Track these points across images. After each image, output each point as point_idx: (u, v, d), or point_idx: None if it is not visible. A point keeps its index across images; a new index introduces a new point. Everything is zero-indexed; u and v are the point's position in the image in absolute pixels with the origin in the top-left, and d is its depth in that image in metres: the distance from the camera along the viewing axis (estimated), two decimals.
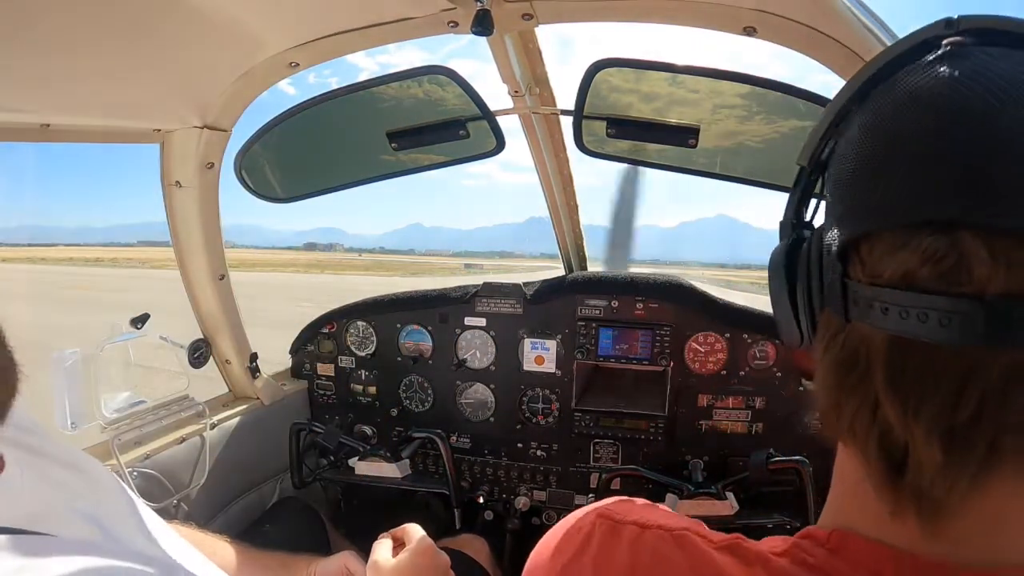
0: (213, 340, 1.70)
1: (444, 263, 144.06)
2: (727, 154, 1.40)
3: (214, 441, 1.60)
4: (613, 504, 0.51)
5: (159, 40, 1.03)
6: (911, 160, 0.35)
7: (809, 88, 1.16)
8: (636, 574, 0.44)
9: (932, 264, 0.33)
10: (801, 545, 0.41)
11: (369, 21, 1.14)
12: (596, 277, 1.82)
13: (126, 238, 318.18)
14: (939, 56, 0.36)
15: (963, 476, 0.34)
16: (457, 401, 1.92)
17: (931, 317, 0.32)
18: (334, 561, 0.99)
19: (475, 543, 1.60)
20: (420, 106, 1.37)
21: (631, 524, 0.47)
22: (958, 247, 0.32)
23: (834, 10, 0.90)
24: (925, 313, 0.32)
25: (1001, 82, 0.33)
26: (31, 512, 0.47)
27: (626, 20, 1.10)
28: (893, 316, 0.34)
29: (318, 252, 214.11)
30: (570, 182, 1.80)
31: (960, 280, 0.32)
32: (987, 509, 0.35)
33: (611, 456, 1.82)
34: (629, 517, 0.48)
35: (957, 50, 0.36)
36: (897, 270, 0.34)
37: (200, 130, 1.38)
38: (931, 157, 0.34)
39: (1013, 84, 0.33)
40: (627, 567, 0.45)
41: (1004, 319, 0.31)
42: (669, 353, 1.72)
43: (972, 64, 0.35)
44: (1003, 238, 0.31)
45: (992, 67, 0.34)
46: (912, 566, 0.37)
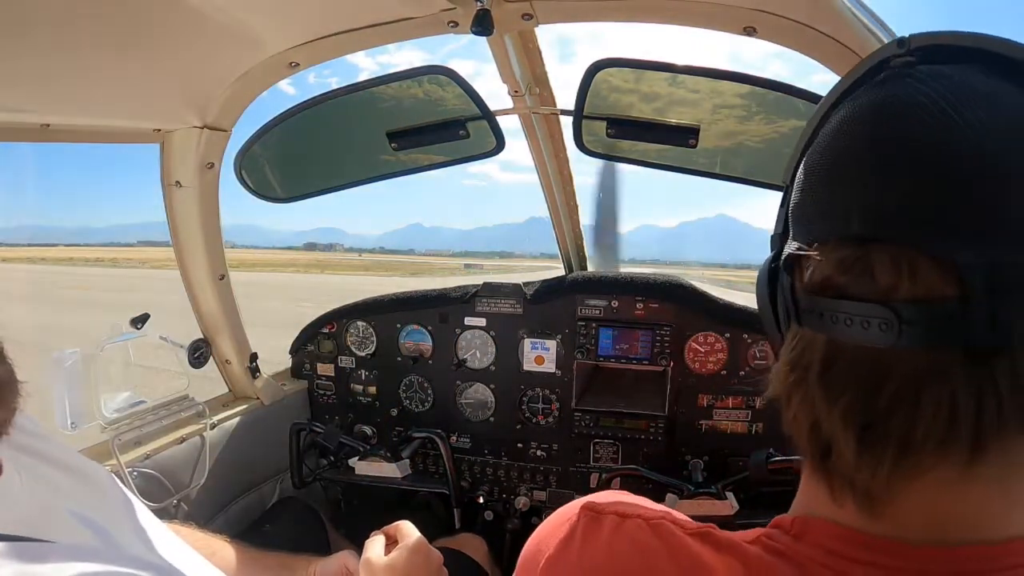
0: (213, 340, 1.70)
1: (444, 263, 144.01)
2: (727, 154, 1.40)
3: (214, 441, 1.60)
4: (598, 496, 0.53)
5: (159, 40, 1.03)
6: (833, 181, 0.39)
7: (809, 88, 1.16)
8: (616, 561, 0.45)
9: (844, 273, 0.37)
10: (769, 534, 0.44)
11: (369, 21, 1.14)
12: (596, 277, 1.82)
13: (126, 238, 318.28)
14: (880, 80, 0.40)
15: (881, 467, 0.37)
16: (457, 401, 1.92)
17: (854, 321, 0.36)
18: (334, 561, 0.99)
19: (474, 543, 1.60)
20: (420, 106, 1.38)
21: (612, 514, 0.48)
22: (867, 258, 0.36)
23: (834, 10, 0.90)
24: (849, 318, 0.36)
25: (919, 103, 0.36)
26: (29, 517, 0.47)
27: (626, 20, 1.10)
28: (827, 321, 0.38)
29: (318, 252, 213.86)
30: (570, 182, 1.80)
31: (870, 287, 0.36)
32: (918, 497, 0.38)
33: (611, 456, 1.82)
34: (611, 508, 0.49)
35: (898, 71, 0.39)
36: (820, 279, 0.39)
37: (200, 130, 1.38)
38: (848, 178, 0.38)
39: (931, 105, 0.35)
40: (607, 555, 0.46)
41: (910, 323, 0.34)
42: (669, 353, 1.72)
43: (902, 86, 0.38)
44: (906, 249, 0.35)
45: (919, 88, 0.36)
46: (862, 543, 0.39)
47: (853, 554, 0.39)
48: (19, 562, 0.40)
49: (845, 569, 0.39)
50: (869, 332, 0.35)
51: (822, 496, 0.42)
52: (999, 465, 0.36)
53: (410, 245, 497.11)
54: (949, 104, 0.35)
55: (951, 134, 0.34)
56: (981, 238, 0.33)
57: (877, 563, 0.38)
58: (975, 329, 0.33)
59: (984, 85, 0.36)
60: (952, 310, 0.34)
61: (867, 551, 0.39)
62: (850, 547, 0.40)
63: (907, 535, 0.39)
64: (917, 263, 0.35)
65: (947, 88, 0.36)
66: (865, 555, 0.39)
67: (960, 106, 0.35)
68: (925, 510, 0.38)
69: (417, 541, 0.92)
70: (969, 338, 0.33)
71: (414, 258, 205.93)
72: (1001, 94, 0.36)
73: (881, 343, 0.35)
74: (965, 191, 0.34)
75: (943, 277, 0.34)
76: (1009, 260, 0.33)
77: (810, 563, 0.40)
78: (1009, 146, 0.34)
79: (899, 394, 0.36)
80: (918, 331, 0.34)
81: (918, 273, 0.35)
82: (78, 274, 40.68)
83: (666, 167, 1.47)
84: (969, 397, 0.34)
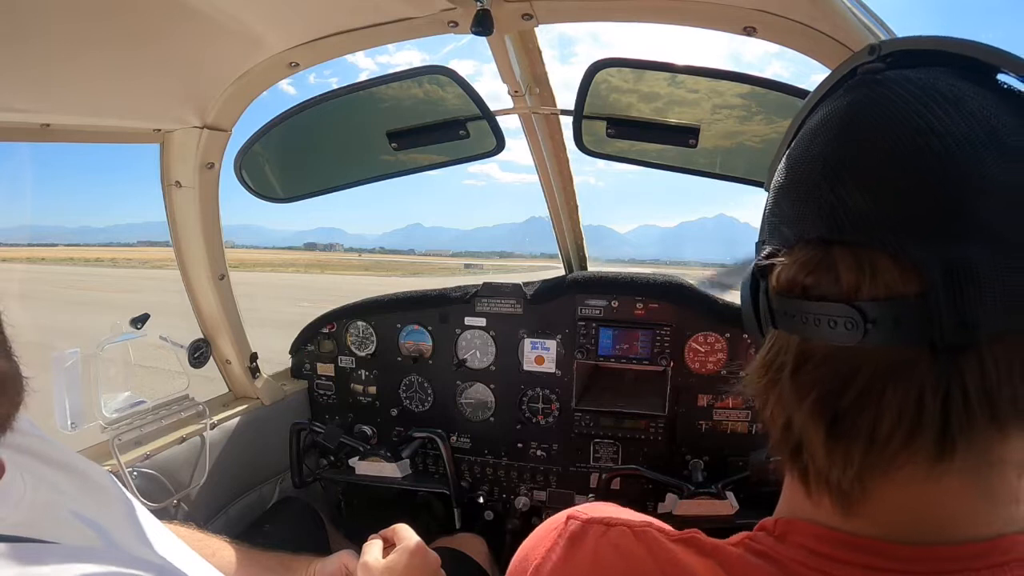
0: (213, 340, 1.70)
1: (444, 263, 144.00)
2: (727, 154, 1.40)
3: (214, 441, 1.60)
4: (585, 506, 0.54)
5: (159, 40, 1.03)
6: (797, 186, 0.40)
7: (809, 88, 1.16)
8: (601, 567, 0.46)
9: (808, 273, 0.38)
10: (754, 536, 0.44)
11: (369, 21, 1.14)
12: (596, 277, 1.82)
13: (126, 238, 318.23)
14: (849, 86, 0.41)
15: (851, 463, 0.38)
16: (457, 401, 1.92)
17: (821, 321, 0.37)
18: (333, 561, 0.99)
19: (474, 543, 1.60)
20: (420, 106, 1.38)
21: (597, 523, 0.49)
22: (829, 258, 0.37)
23: (834, 10, 0.90)
24: (817, 318, 0.37)
25: (881, 107, 0.37)
26: (31, 518, 0.47)
27: (626, 20, 1.10)
28: (798, 321, 0.39)
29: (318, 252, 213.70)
30: (570, 182, 1.79)
31: (834, 287, 0.37)
32: (892, 495, 0.38)
33: (611, 456, 1.82)
34: (596, 516, 0.50)
35: (864, 78, 0.40)
36: (787, 281, 0.40)
37: (200, 130, 1.38)
38: (811, 182, 0.39)
39: (893, 109, 0.36)
40: (592, 562, 0.47)
41: (874, 321, 0.35)
42: (669, 353, 1.72)
43: (867, 93, 0.39)
44: (867, 250, 0.36)
45: (882, 94, 0.38)
46: (843, 542, 0.40)
47: (835, 554, 0.39)
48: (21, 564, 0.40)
49: (827, 569, 0.39)
50: (836, 331, 0.36)
51: (801, 496, 0.43)
52: (972, 462, 0.36)
53: (410, 245, 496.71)
54: (910, 107, 0.36)
55: (911, 136, 0.35)
56: (940, 236, 0.34)
57: (859, 563, 0.39)
58: (941, 327, 0.33)
59: (949, 88, 0.36)
60: (913, 307, 0.34)
61: (849, 551, 0.39)
62: (832, 547, 0.40)
63: (887, 534, 0.39)
64: (877, 262, 0.35)
65: (910, 92, 0.37)
66: (847, 555, 0.39)
67: (922, 108, 0.36)
68: (900, 508, 0.39)
69: (415, 544, 0.92)
70: (935, 336, 0.34)
71: (414, 258, 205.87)
72: (965, 96, 0.36)
73: (847, 341, 0.36)
74: (923, 193, 0.35)
75: (903, 275, 0.35)
76: (969, 257, 0.33)
77: (792, 563, 0.41)
78: (970, 146, 0.34)
79: (866, 390, 0.36)
80: (883, 329, 0.35)
81: (879, 272, 0.35)
82: (78, 274, 40.67)
83: (666, 167, 1.47)
84: (935, 393, 0.34)
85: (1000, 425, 0.35)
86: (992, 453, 0.36)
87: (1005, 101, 0.36)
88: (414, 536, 0.94)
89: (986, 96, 0.36)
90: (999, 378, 0.34)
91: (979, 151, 0.34)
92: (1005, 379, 0.34)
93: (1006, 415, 0.35)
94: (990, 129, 0.35)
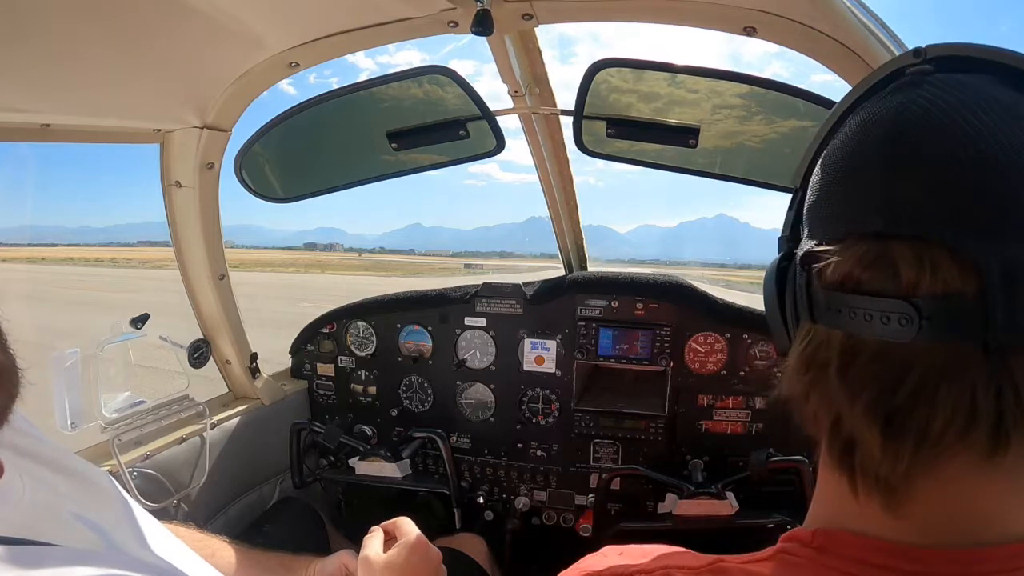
0: (213, 340, 1.70)
1: (444, 263, 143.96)
2: (727, 154, 1.40)
3: (214, 441, 1.60)
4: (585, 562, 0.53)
5: (159, 40, 1.03)
6: (849, 180, 0.40)
7: (809, 88, 1.16)
8: None
9: (865, 268, 0.38)
10: (786, 548, 0.43)
11: (369, 21, 1.14)
12: (596, 277, 1.82)
13: (126, 238, 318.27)
14: (897, 85, 0.41)
15: (902, 458, 0.37)
16: (457, 401, 1.92)
17: (874, 316, 0.37)
18: (333, 560, 0.98)
19: (474, 543, 1.60)
20: (420, 106, 1.38)
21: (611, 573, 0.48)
22: (888, 253, 0.37)
23: (834, 10, 0.90)
24: (869, 313, 0.37)
25: (939, 107, 0.37)
26: (32, 519, 0.47)
27: (626, 20, 1.10)
28: (845, 316, 0.38)
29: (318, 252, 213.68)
30: (570, 182, 1.80)
31: (892, 283, 0.37)
32: (939, 492, 0.38)
33: (611, 456, 1.82)
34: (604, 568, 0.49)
35: (914, 79, 0.40)
36: (841, 275, 0.39)
37: (200, 130, 1.38)
38: (865, 177, 0.39)
39: (950, 110, 0.37)
40: None
41: (930, 318, 0.35)
42: (669, 353, 1.72)
43: (920, 92, 0.39)
44: (927, 246, 0.36)
45: (938, 94, 0.38)
46: (888, 551, 0.39)
47: (883, 562, 0.39)
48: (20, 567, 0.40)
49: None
50: (889, 327, 0.36)
51: (844, 501, 0.42)
52: (1017, 458, 0.37)
53: (410, 245, 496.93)
54: (968, 109, 0.36)
55: (968, 137, 0.35)
56: (999, 236, 0.34)
57: (901, 569, 0.39)
58: (994, 326, 0.34)
59: (1002, 94, 0.37)
60: (971, 306, 0.34)
61: (896, 559, 0.39)
62: (880, 557, 0.40)
63: (930, 541, 0.39)
64: (938, 259, 0.35)
65: (965, 95, 0.37)
66: (894, 563, 0.39)
67: (979, 112, 0.36)
68: (946, 506, 0.38)
69: (416, 538, 0.91)
70: (988, 334, 0.34)
71: (414, 258, 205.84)
72: (1017, 104, 0.37)
73: (900, 338, 0.36)
74: (983, 192, 0.35)
75: (962, 273, 0.35)
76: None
77: (836, 572, 0.40)
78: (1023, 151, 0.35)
79: (920, 388, 0.36)
80: (938, 326, 0.35)
81: (939, 268, 0.35)
82: (79, 274, 40.70)
83: (666, 167, 1.47)
84: (988, 391, 0.35)
85: None
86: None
87: None
88: (415, 530, 0.93)
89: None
90: None
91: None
92: None
93: None
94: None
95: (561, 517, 1.87)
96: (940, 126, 0.36)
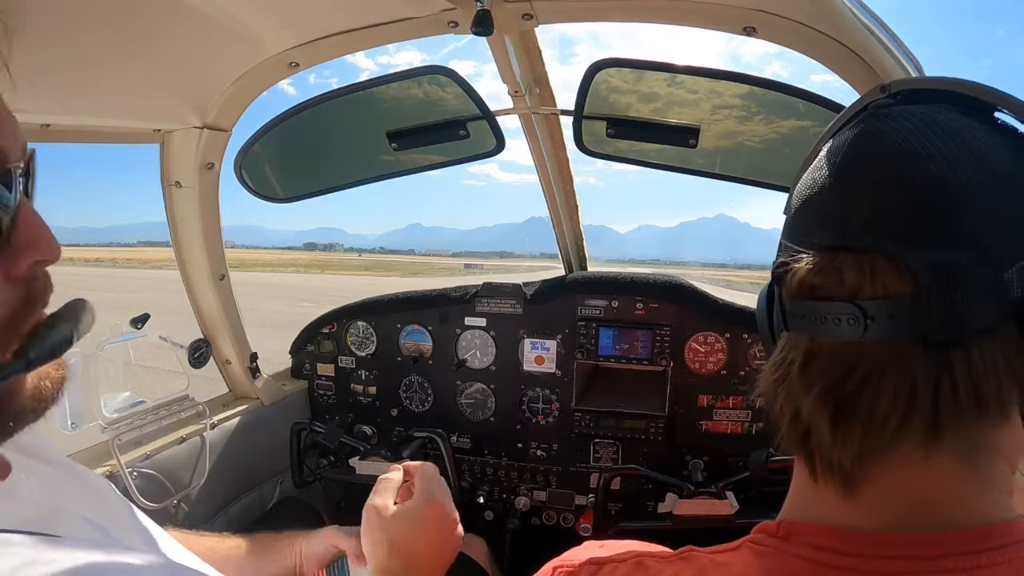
0: (213, 340, 1.70)
1: (444, 263, 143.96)
2: (727, 154, 1.40)
3: (214, 441, 1.60)
4: (567, 554, 0.56)
5: (159, 40, 1.03)
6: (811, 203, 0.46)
7: (809, 88, 1.16)
8: None
9: (817, 275, 0.43)
10: (754, 539, 0.47)
11: (369, 21, 1.14)
12: (596, 277, 1.82)
13: (126, 238, 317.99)
14: (859, 119, 0.47)
15: (851, 443, 0.42)
16: (457, 401, 1.92)
17: (827, 319, 0.42)
18: (320, 539, 0.97)
19: (475, 543, 1.60)
20: (420, 106, 1.37)
21: (587, 564, 0.51)
22: (835, 262, 0.42)
23: (834, 10, 0.90)
24: (823, 316, 0.42)
25: (887, 135, 0.42)
26: (39, 515, 0.47)
27: (626, 20, 1.10)
28: (807, 321, 0.43)
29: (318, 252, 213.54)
30: (570, 182, 1.79)
31: (839, 288, 0.42)
32: (888, 476, 0.42)
33: (611, 456, 1.82)
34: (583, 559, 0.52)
35: (875, 111, 0.46)
36: (799, 284, 0.44)
37: (200, 130, 1.38)
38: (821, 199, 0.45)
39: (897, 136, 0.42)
40: None
41: (873, 318, 0.39)
42: (669, 353, 1.72)
43: (875, 123, 0.44)
44: (868, 255, 0.40)
45: (889, 125, 0.43)
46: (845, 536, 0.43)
47: (839, 547, 0.43)
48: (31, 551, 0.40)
49: (831, 561, 0.42)
50: (840, 328, 0.41)
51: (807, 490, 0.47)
52: (961, 445, 0.41)
53: (410, 245, 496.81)
54: (910, 135, 0.41)
55: (909, 159, 0.40)
56: (930, 243, 0.39)
57: (860, 553, 0.42)
58: (932, 324, 0.38)
59: (947, 120, 0.42)
60: (908, 305, 0.39)
61: (851, 543, 0.43)
62: (836, 541, 0.43)
63: (886, 524, 0.42)
64: (877, 265, 0.40)
65: (911, 123, 0.42)
66: (850, 547, 0.42)
67: (920, 137, 0.41)
68: (897, 491, 0.42)
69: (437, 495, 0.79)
70: (927, 332, 0.39)
71: (414, 258, 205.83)
72: (961, 128, 0.41)
73: (850, 336, 0.40)
74: (916, 205, 0.40)
75: (899, 277, 0.39)
76: (956, 262, 0.38)
77: (797, 560, 0.44)
78: (959, 168, 0.39)
79: (866, 379, 0.41)
80: (881, 325, 0.39)
81: (878, 274, 0.40)
82: (79, 273, 40.67)
83: (666, 167, 1.47)
84: (927, 382, 0.39)
85: (985, 412, 0.40)
86: (980, 439, 0.41)
87: (998, 133, 0.42)
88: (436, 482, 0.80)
89: (979, 128, 0.41)
90: (985, 371, 0.39)
91: (968, 173, 0.39)
92: (991, 372, 0.39)
93: (991, 405, 0.39)
94: (979, 155, 0.40)
95: (561, 517, 1.87)
96: (884, 152, 0.42)
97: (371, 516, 0.77)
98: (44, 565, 0.38)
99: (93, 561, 0.41)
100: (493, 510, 1.91)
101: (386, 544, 0.74)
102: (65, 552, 0.41)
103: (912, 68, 0.94)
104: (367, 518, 0.77)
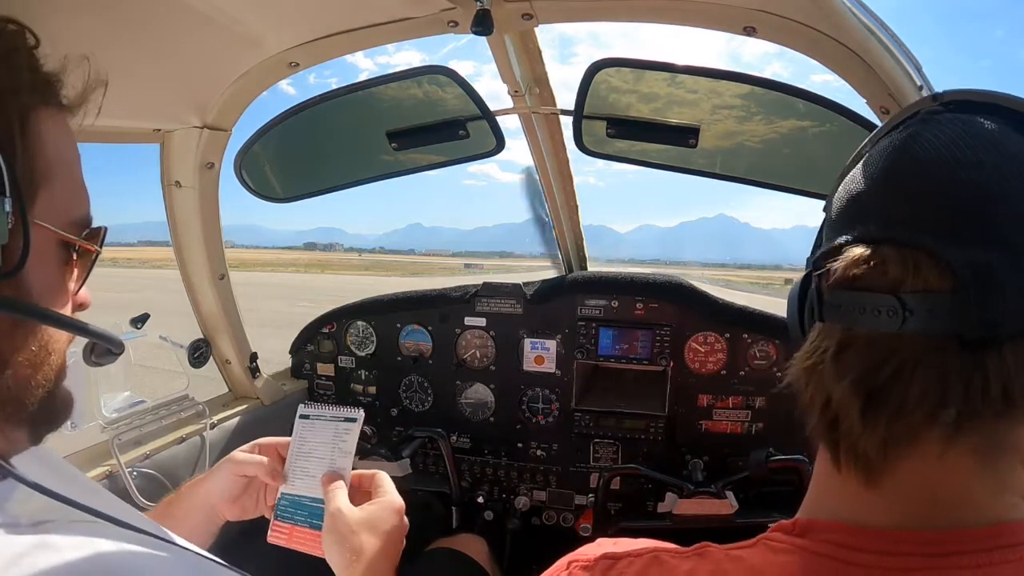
0: (213, 340, 1.70)
1: (444, 263, 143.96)
2: (727, 154, 1.40)
3: (214, 441, 1.60)
4: (581, 549, 0.57)
5: (159, 40, 1.03)
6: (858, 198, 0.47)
7: (809, 88, 1.16)
8: None
9: (860, 266, 0.44)
10: (770, 537, 0.48)
11: (369, 21, 1.14)
12: (596, 277, 1.82)
13: (126, 238, 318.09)
14: (909, 123, 0.48)
15: (878, 430, 0.43)
16: (457, 401, 1.92)
17: (866, 309, 0.42)
18: (221, 473, 0.91)
19: (474, 543, 1.59)
20: (420, 106, 1.38)
21: (602, 559, 0.52)
22: (879, 254, 0.43)
23: (834, 10, 0.90)
24: (862, 307, 0.43)
25: (938, 141, 0.44)
26: (44, 511, 0.48)
27: (626, 20, 1.10)
28: (844, 311, 0.44)
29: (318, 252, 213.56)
30: (570, 182, 1.80)
31: (881, 280, 0.42)
32: (910, 468, 0.43)
33: (611, 456, 1.82)
34: (598, 554, 0.53)
35: (925, 117, 0.47)
36: (840, 275, 0.45)
37: (200, 130, 1.38)
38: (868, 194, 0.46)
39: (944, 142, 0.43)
40: None
41: (912, 311, 0.40)
42: (669, 353, 1.72)
43: (925, 128, 0.45)
44: (912, 250, 0.42)
45: (938, 130, 0.44)
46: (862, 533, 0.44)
47: (855, 543, 0.43)
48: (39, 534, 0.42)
49: (847, 557, 0.43)
50: (879, 319, 0.41)
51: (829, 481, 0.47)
52: (983, 443, 0.42)
53: (410, 245, 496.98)
54: (957, 141, 0.43)
55: (953, 164, 0.42)
56: (973, 243, 0.40)
57: (876, 549, 0.43)
58: (968, 322, 0.39)
59: (992, 130, 0.44)
60: (947, 302, 0.40)
61: (867, 539, 0.43)
62: (850, 537, 0.44)
63: (901, 522, 0.43)
64: (920, 260, 0.41)
65: (956, 130, 0.44)
66: (866, 543, 0.43)
67: (965, 144, 0.42)
68: (916, 484, 0.43)
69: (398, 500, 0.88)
70: (963, 329, 0.39)
71: (414, 258, 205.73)
72: (1005, 138, 0.43)
73: (887, 328, 0.41)
74: (960, 206, 0.41)
75: (940, 273, 0.40)
76: (993, 264, 0.39)
77: (813, 555, 0.44)
78: (1001, 176, 0.41)
79: (899, 369, 0.41)
80: (919, 318, 0.40)
81: (920, 269, 0.41)
82: None
83: (666, 167, 1.48)
84: (959, 377, 0.40)
85: (1013, 413, 0.41)
86: (1002, 439, 0.42)
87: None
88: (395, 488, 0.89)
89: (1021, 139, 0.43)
90: (1016, 372, 0.39)
91: (1009, 180, 0.41)
92: (1021, 373, 0.40)
93: (1019, 405, 0.40)
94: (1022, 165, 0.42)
95: (561, 517, 1.87)
96: (931, 155, 0.43)
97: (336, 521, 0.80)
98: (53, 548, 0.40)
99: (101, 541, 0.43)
100: (493, 510, 1.90)
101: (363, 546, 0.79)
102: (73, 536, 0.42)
103: (912, 68, 0.94)
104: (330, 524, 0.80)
